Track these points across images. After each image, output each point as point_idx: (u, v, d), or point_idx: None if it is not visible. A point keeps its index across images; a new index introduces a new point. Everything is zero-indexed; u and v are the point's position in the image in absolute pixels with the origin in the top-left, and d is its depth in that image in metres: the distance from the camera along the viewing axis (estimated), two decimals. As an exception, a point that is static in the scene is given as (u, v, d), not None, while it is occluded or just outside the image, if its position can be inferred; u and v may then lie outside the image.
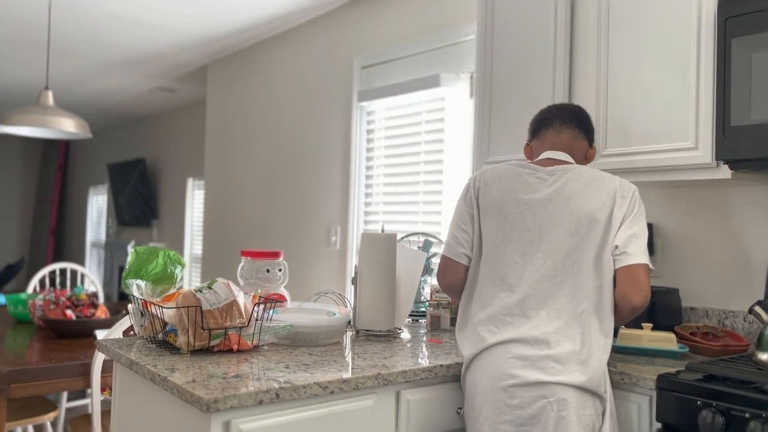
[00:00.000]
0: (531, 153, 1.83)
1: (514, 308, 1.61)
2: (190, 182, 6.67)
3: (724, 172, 1.80)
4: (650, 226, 2.25)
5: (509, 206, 1.66)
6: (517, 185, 1.68)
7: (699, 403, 1.50)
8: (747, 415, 1.41)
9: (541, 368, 1.53)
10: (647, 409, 1.62)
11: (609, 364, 1.73)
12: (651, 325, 1.91)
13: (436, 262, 2.51)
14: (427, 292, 2.43)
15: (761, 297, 1.92)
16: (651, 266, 1.59)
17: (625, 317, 1.62)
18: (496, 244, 1.67)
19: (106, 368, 2.41)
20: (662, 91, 1.91)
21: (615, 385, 1.68)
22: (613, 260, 1.60)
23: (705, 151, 1.81)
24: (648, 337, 1.87)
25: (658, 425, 1.59)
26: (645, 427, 1.63)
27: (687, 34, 1.87)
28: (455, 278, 1.75)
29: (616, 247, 1.59)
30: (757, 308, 1.71)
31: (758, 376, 1.51)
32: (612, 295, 1.60)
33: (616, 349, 1.90)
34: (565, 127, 1.77)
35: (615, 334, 1.94)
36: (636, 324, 1.99)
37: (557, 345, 1.55)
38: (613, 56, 2.04)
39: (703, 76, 1.83)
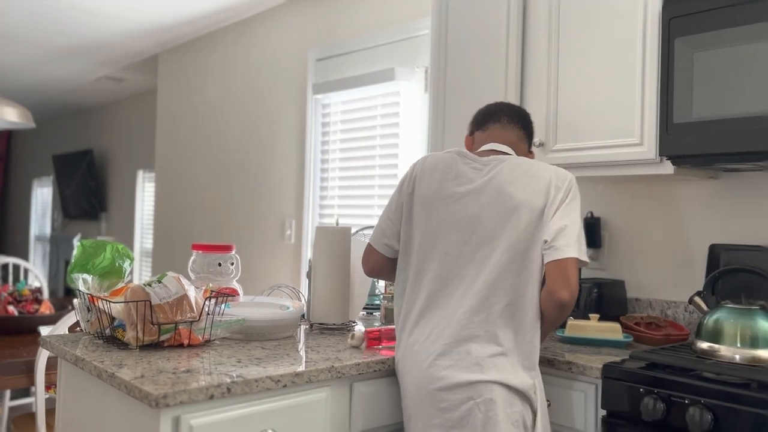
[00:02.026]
0: (472, 145, 1.79)
1: (441, 302, 1.57)
2: (140, 174, 6.52)
3: (667, 168, 1.86)
4: (597, 220, 2.32)
5: (442, 197, 1.62)
6: (451, 175, 1.63)
7: (642, 390, 1.55)
8: (686, 401, 1.47)
9: (464, 368, 1.50)
10: (593, 397, 1.67)
11: (556, 353, 1.78)
12: (598, 315, 1.97)
13: (390, 255, 2.52)
14: (381, 285, 2.44)
15: (701, 288, 2.00)
16: (585, 259, 1.53)
17: (553, 316, 1.55)
18: (428, 235, 1.62)
19: (51, 365, 2.34)
20: (609, 88, 1.97)
21: (562, 374, 1.72)
22: (542, 255, 1.54)
23: (649, 147, 1.87)
24: (594, 327, 1.92)
25: (603, 412, 1.64)
26: (591, 414, 1.68)
27: (633, 33, 1.92)
28: (374, 266, 1.77)
29: (545, 241, 1.53)
30: (697, 299, 1.78)
31: (697, 363, 1.57)
32: (538, 290, 1.55)
33: (563, 340, 1.95)
34: (513, 125, 1.74)
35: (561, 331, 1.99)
36: (583, 315, 2.05)
37: (480, 342, 1.51)
38: (563, 53, 2.09)
39: (648, 74, 1.88)
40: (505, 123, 1.74)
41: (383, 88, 3.11)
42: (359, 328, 2.07)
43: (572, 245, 1.50)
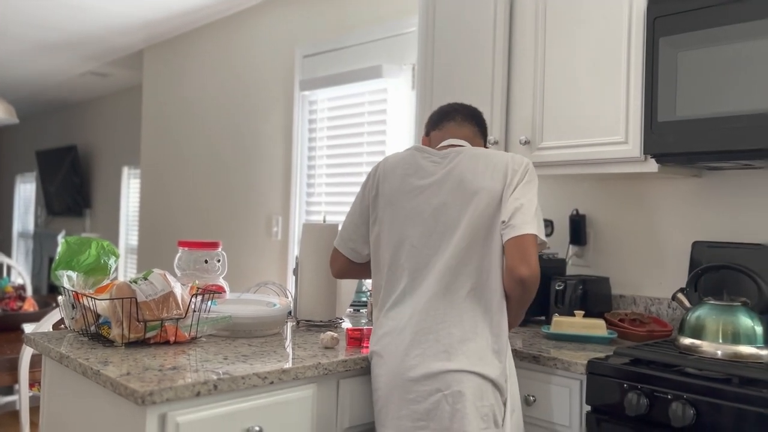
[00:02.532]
0: (429, 144, 1.80)
1: (411, 294, 1.57)
2: (125, 171, 6.46)
3: (652, 166, 1.88)
4: (583, 218, 2.34)
5: (404, 191, 1.63)
6: (411, 170, 1.65)
7: (625, 386, 1.57)
8: (669, 396, 1.49)
9: (432, 355, 1.49)
10: (578, 392, 1.69)
11: (542, 349, 1.79)
12: (583, 312, 1.99)
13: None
14: (369, 282, 2.45)
15: (684, 285, 2.03)
16: (543, 238, 1.53)
17: (517, 295, 1.53)
18: (394, 231, 1.62)
19: (35, 363, 2.32)
20: (595, 87, 1.98)
21: (547, 370, 1.74)
22: (501, 236, 1.54)
23: (634, 146, 1.89)
24: (579, 323, 1.94)
25: (588, 408, 1.66)
26: (575, 410, 1.69)
27: (618, 33, 1.94)
28: (340, 269, 1.79)
29: (503, 222, 1.53)
30: (680, 295, 1.80)
31: (680, 359, 1.59)
32: (501, 273, 1.55)
33: (549, 336, 1.96)
34: (467, 122, 1.77)
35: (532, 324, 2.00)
36: (568, 311, 2.07)
37: (447, 327, 1.51)
38: (549, 52, 2.10)
39: (632, 73, 1.90)
40: (460, 121, 1.77)
41: (370, 85, 3.11)
42: (345, 325, 2.08)
43: (529, 222, 1.51)
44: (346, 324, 2.10)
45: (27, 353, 2.27)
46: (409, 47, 2.95)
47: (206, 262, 2.15)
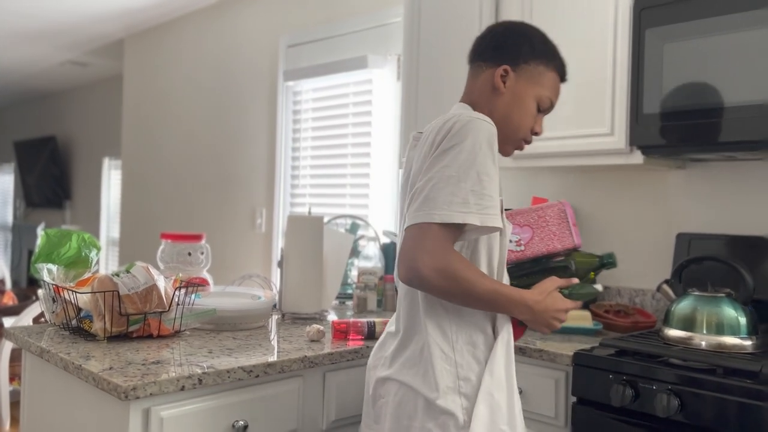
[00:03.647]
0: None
1: None
2: (106, 162, 6.38)
3: (637, 158, 1.89)
4: (568, 209, 2.34)
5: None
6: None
7: (611, 376, 1.58)
8: (654, 387, 1.50)
9: (379, 359, 1.31)
10: (564, 384, 1.70)
11: (528, 341, 1.79)
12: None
13: (363, 244, 2.52)
14: (354, 274, 2.44)
15: (669, 276, 2.04)
16: (433, 220, 1.12)
17: (428, 292, 1.18)
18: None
19: (15, 357, 2.29)
20: (581, 79, 1.98)
21: (533, 362, 1.74)
22: None
23: (619, 137, 1.89)
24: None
25: (574, 399, 1.66)
26: (561, 401, 1.70)
27: (605, 24, 1.93)
28: None
29: None
30: (665, 286, 1.81)
31: (665, 350, 1.60)
32: None
33: (535, 328, 1.97)
34: (470, 67, 1.40)
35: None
36: (554, 303, 2.07)
37: (388, 331, 1.34)
38: (535, 43, 2.09)
39: (618, 64, 1.90)
40: (468, 72, 1.39)
41: (356, 76, 3.09)
42: (330, 317, 2.06)
43: (417, 208, 1.14)
44: (332, 316, 2.09)
45: (7, 347, 2.23)
46: (394, 37, 2.93)
47: (190, 254, 2.12)
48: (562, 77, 1.36)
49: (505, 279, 1.31)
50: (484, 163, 1.16)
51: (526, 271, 1.67)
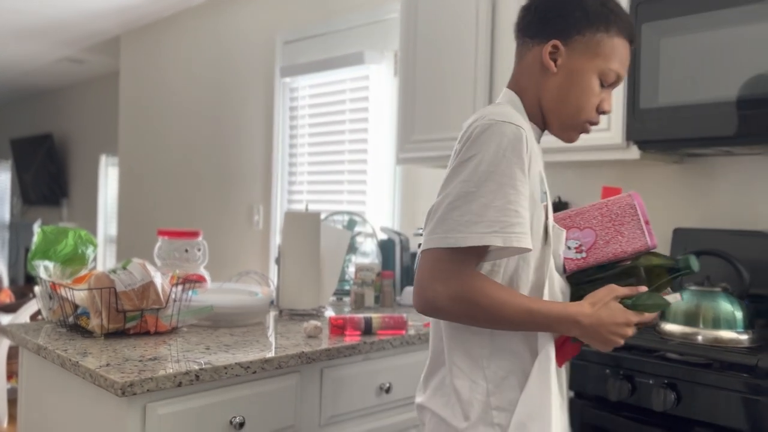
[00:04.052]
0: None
1: None
2: (103, 159, 6.36)
3: (634, 153, 1.89)
4: (566, 205, 2.34)
5: None
6: None
7: (608, 371, 1.58)
8: (651, 381, 1.50)
9: (421, 382, 1.20)
10: (561, 378, 1.70)
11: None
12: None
13: (360, 240, 2.52)
14: (351, 270, 2.43)
15: (665, 271, 2.04)
16: (446, 245, 0.99)
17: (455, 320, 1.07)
18: None
19: (13, 355, 2.28)
20: (578, 74, 1.98)
21: (531, 356, 1.74)
22: None
23: (616, 132, 1.89)
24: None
25: (571, 393, 1.67)
26: (559, 395, 1.70)
27: (601, 19, 1.93)
28: None
29: None
30: (661, 281, 1.81)
31: (661, 344, 1.61)
32: None
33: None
34: (516, 47, 1.20)
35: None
36: (551, 298, 2.07)
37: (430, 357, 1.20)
38: (532, 38, 2.09)
39: (615, 59, 1.90)
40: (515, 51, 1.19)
41: (352, 72, 3.08)
42: (328, 314, 2.06)
43: (432, 230, 1.02)
44: (329, 312, 2.09)
45: (4, 345, 2.23)
46: (391, 33, 2.93)
47: (186, 251, 2.12)
48: (631, 40, 1.13)
49: (559, 291, 1.11)
50: (509, 173, 1.00)
51: (590, 276, 1.34)
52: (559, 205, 2.34)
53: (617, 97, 1.89)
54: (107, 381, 1.26)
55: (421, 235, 1.07)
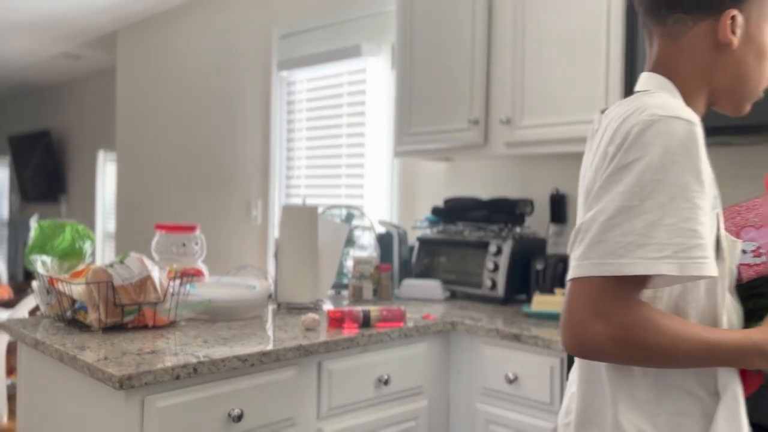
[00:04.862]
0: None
1: None
2: (101, 155, 6.35)
3: (631, 144, 1.88)
4: (563, 197, 2.34)
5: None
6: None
7: (606, 362, 1.58)
8: None
9: (563, 426, 1.02)
10: (559, 370, 1.70)
11: (523, 328, 1.80)
12: (563, 290, 2.00)
13: (358, 234, 2.52)
14: (349, 264, 2.44)
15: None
16: (605, 273, 0.81)
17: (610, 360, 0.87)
18: None
19: (12, 350, 2.28)
20: (575, 64, 1.97)
21: (529, 348, 1.75)
22: None
23: (613, 124, 1.89)
24: (560, 301, 1.95)
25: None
26: (557, 387, 1.71)
27: (598, 8, 1.93)
28: None
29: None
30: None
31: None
32: None
33: (530, 315, 1.97)
34: (649, 28, 1.01)
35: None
36: (549, 289, 2.08)
37: (571, 391, 1.02)
38: (529, 31, 2.08)
39: (612, 49, 1.89)
40: (647, 34, 1.03)
41: (349, 65, 3.07)
42: (326, 307, 2.07)
43: (581, 256, 0.84)
44: (328, 306, 2.09)
45: (3, 340, 2.23)
46: (387, 26, 2.92)
47: (184, 245, 2.12)
48: None
49: (734, 313, 0.93)
50: (681, 182, 0.82)
51: (759, 289, 1.06)
52: (557, 198, 2.34)
53: (614, 88, 1.89)
54: (105, 374, 1.26)
55: (421, 227, 1.02)
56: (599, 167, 0.87)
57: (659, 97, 0.89)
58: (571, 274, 0.85)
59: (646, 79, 1.00)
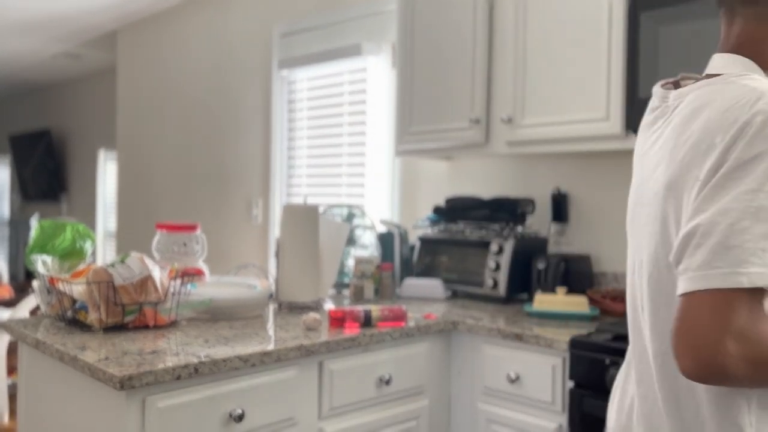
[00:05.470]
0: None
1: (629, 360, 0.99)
2: (101, 154, 6.35)
3: (633, 142, 1.88)
4: (565, 196, 2.34)
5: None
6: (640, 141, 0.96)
7: (607, 361, 1.58)
8: (651, 371, 1.50)
9: None
10: (561, 369, 1.70)
11: (525, 327, 1.79)
12: (565, 288, 1.99)
13: (359, 233, 2.51)
14: (351, 263, 2.43)
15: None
16: (741, 285, 0.71)
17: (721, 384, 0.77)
18: (630, 249, 0.96)
19: (13, 350, 2.28)
20: (576, 63, 1.97)
21: (531, 347, 1.74)
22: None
23: (615, 122, 1.89)
24: (562, 301, 1.95)
25: (571, 384, 1.67)
26: (559, 386, 1.70)
27: (599, 8, 1.92)
28: None
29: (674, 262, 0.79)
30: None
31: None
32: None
33: (532, 314, 1.97)
34: (730, 7, 0.96)
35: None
36: (551, 289, 2.07)
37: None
38: (530, 29, 2.08)
39: (614, 48, 1.89)
40: (724, 12, 0.98)
41: (350, 64, 3.07)
42: (327, 306, 2.06)
43: (704, 265, 0.73)
44: (329, 305, 2.09)
45: (4, 340, 2.23)
46: (388, 25, 2.91)
47: (185, 245, 2.12)
48: None
49: None
50: None
51: None
52: (559, 197, 2.33)
53: (616, 86, 1.88)
54: (106, 375, 1.26)
55: (422, 227, 0.99)
56: (695, 157, 0.76)
57: (761, 81, 0.80)
58: (692, 286, 0.73)
59: (729, 61, 0.90)
